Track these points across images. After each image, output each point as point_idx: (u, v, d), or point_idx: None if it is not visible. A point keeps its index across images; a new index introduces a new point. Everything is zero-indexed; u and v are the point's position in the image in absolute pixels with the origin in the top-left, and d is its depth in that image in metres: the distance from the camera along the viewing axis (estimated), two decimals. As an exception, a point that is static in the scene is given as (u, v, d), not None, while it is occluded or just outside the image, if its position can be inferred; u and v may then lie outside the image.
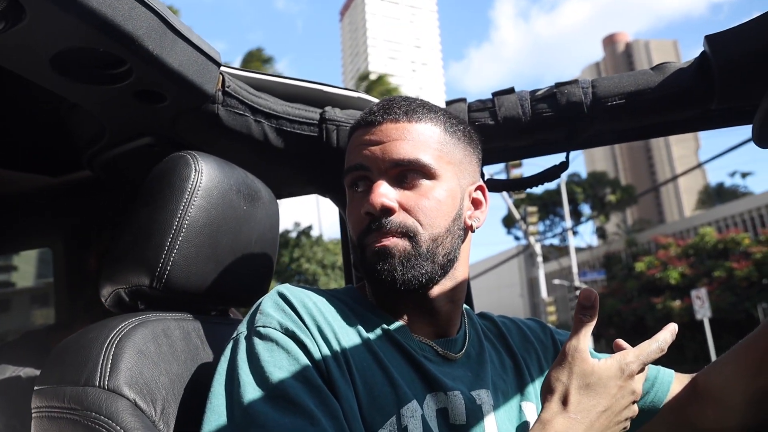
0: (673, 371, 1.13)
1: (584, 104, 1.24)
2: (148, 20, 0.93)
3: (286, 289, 0.90)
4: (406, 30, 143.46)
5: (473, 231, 1.02)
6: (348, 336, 0.88)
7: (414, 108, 0.98)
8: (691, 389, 1.09)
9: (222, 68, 1.17)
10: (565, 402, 0.82)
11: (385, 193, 0.91)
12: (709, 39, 1.18)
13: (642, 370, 0.87)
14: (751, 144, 1.19)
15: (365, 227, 0.93)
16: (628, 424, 0.87)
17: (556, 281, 30.08)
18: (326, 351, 0.84)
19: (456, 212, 0.96)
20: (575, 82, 1.26)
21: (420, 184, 0.93)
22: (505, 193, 23.33)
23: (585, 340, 0.86)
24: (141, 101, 1.11)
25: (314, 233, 31.20)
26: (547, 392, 0.85)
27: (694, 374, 1.12)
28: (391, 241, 0.91)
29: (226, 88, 1.19)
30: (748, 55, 1.13)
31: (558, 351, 1.13)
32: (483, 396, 0.94)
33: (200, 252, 1.02)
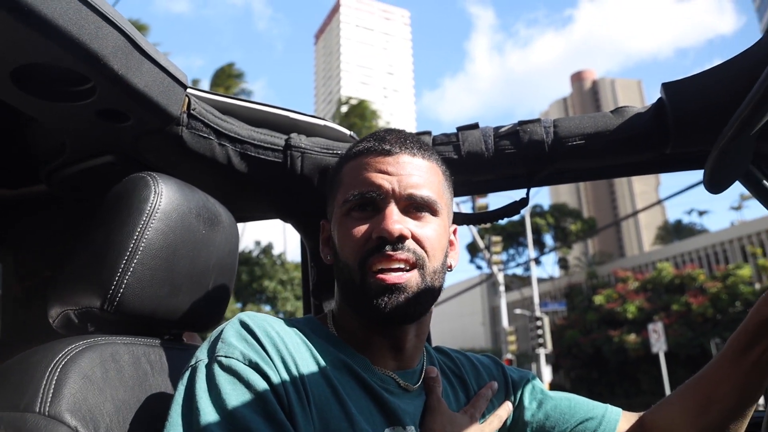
0: (620, 410, 1.15)
1: (545, 143, 1.27)
2: (114, 39, 0.92)
3: (249, 318, 0.89)
4: (379, 56, 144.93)
5: (450, 270, 1.05)
6: (308, 369, 0.87)
7: (423, 146, 1.03)
8: (638, 427, 1.11)
9: (188, 90, 1.16)
10: None
11: (400, 219, 0.93)
12: (666, 87, 1.22)
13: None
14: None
15: (371, 249, 0.92)
16: None
17: (518, 311, 30.29)
18: (289, 384, 0.82)
19: (446, 249, 1.01)
20: (538, 121, 1.29)
21: (426, 218, 0.98)
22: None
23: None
24: (103, 120, 1.10)
25: (275, 251, 30.98)
26: None
27: (641, 413, 1.14)
28: (404, 278, 0.92)
29: (192, 111, 1.18)
30: (701, 105, 1.18)
31: (509, 387, 1.15)
32: None
33: (155, 275, 1.00)
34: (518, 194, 1.40)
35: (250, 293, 28.94)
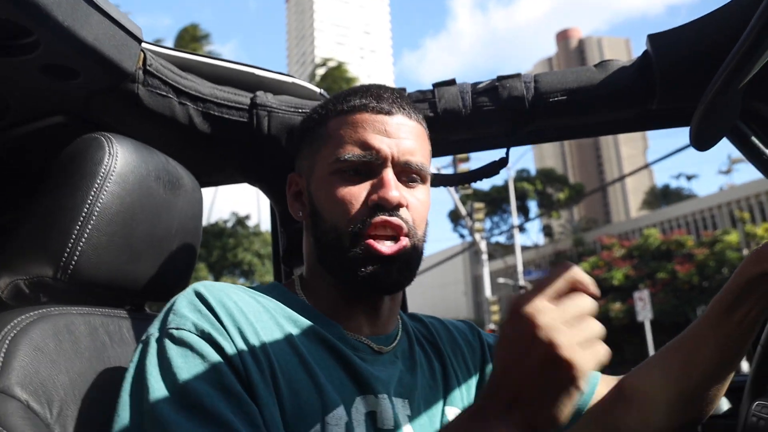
0: (599, 373, 1.16)
1: (526, 99, 1.25)
2: None
3: (204, 287, 0.87)
4: (355, 15, 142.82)
5: (425, 242, 1.05)
6: (273, 338, 0.86)
7: (414, 106, 1.02)
8: (618, 392, 1.12)
9: (143, 45, 1.13)
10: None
11: (397, 187, 0.93)
12: (652, 38, 1.21)
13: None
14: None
15: (365, 213, 0.92)
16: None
17: (501, 280, 30.68)
18: (247, 355, 0.80)
19: (427, 218, 1.02)
20: (517, 76, 1.28)
21: (417, 186, 0.98)
22: (451, 189, 23.61)
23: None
24: (50, 76, 1.06)
25: (250, 223, 30.82)
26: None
27: (621, 376, 1.15)
28: (397, 248, 0.92)
29: (148, 67, 1.15)
30: (688, 57, 1.17)
31: (486, 353, 1.16)
32: (398, 405, 0.94)
33: (112, 241, 0.98)
34: (498, 155, 1.40)
35: (225, 265, 28.85)
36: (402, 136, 0.96)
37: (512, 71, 1.31)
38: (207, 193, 1.32)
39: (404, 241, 0.94)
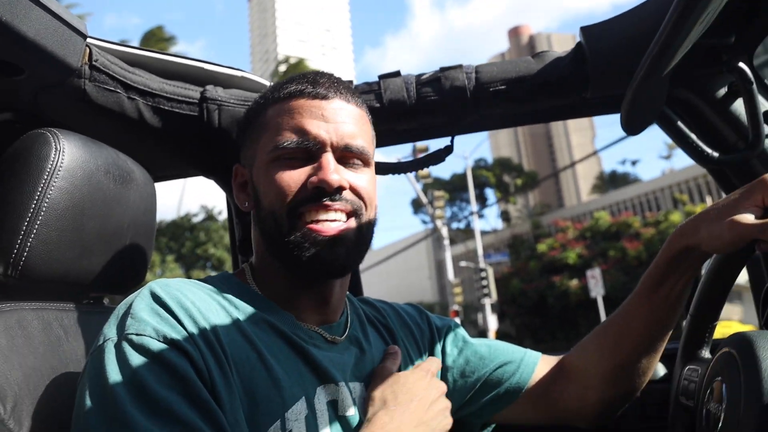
0: (540, 354, 1.18)
1: (467, 89, 1.26)
2: None
3: (160, 287, 0.83)
4: (316, 13, 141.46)
5: (375, 224, 1.04)
6: (230, 336, 0.82)
7: (354, 91, 1.00)
8: (558, 370, 1.14)
9: (89, 40, 1.09)
10: (384, 402, 0.89)
11: (337, 170, 0.91)
12: (584, 30, 1.23)
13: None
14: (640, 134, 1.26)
15: (304, 198, 0.89)
16: (446, 417, 0.95)
17: (463, 263, 30.94)
18: (210, 358, 0.77)
19: (376, 200, 1.00)
20: (459, 67, 1.28)
21: (360, 169, 0.96)
22: (412, 178, 23.66)
23: (392, 365, 0.99)
24: None
25: (221, 217, 30.37)
26: (369, 401, 0.91)
27: (561, 356, 1.17)
28: (342, 228, 0.90)
29: (94, 62, 1.11)
30: (618, 47, 1.19)
31: (434, 335, 1.16)
32: (357, 389, 0.93)
33: (63, 236, 0.95)
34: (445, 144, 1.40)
35: (195, 260, 28.38)
36: (340, 120, 0.94)
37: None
38: (176, 186, 1.29)
39: (351, 222, 0.92)
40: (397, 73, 1.30)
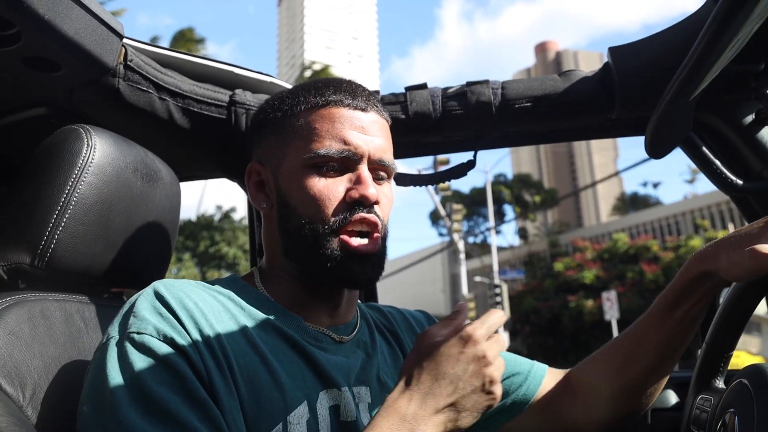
0: (546, 366, 1.17)
1: (493, 105, 1.26)
2: None
3: (164, 286, 0.83)
4: (344, 20, 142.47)
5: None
6: (233, 338, 0.82)
7: (382, 104, 1.02)
8: (564, 383, 1.14)
9: (125, 41, 1.12)
10: (408, 381, 0.77)
11: (374, 184, 0.93)
12: (612, 51, 1.23)
13: (491, 335, 0.80)
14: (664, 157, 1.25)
15: (342, 209, 0.90)
16: (488, 398, 0.78)
17: (478, 278, 30.78)
18: (209, 358, 0.77)
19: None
20: (486, 82, 1.29)
21: (385, 183, 0.98)
22: (431, 190, 23.65)
23: (438, 327, 0.82)
24: (32, 69, 1.05)
25: (236, 216, 30.59)
26: (398, 377, 0.80)
27: (568, 370, 1.17)
28: (372, 247, 0.92)
29: (129, 62, 1.14)
30: (645, 69, 1.19)
31: None
32: (362, 393, 0.93)
33: (89, 231, 0.97)
34: (467, 158, 1.40)
35: (210, 258, 28.57)
36: (375, 133, 0.95)
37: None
38: (197, 186, 1.31)
39: (377, 236, 0.93)
40: (423, 86, 1.31)
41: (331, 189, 0.91)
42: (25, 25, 0.92)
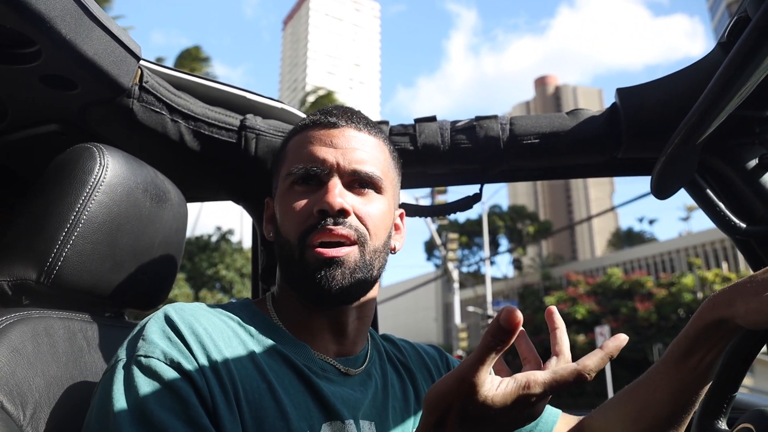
0: (560, 411, 1.15)
1: (501, 140, 1.28)
2: (63, 3, 0.89)
3: (175, 311, 0.83)
4: (347, 47, 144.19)
5: (394, 253, 1.03)
6: (241, 364, 0.82)
7: (370, 122, 1.02)
8: (577, 430, 1.12)
9: (141, 62, 1.13)
10: (442, 426, 0.68)
11: (341, 194, 0.91)
12: (620, 92, 1.25)
13: (547, 395, 0.68)
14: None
15: (312, 225, 0.90)
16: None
17: (471, 308, 30.69)
18: (215, 384, 0.77)
19: (390, 230, 1.00)
20: (494, 117, 1.30)
21: (370, 195, 0.96)
22: (428, 219, 23.69)
23: (486, 368, 0.65)
24: (49, 86, 1.06)
25: (233, 239, 30.49)
26: (427, 406, 0.69)
27: (582, 416, 1.15)
28: (343, 251, 0.90)
29: (144, 83, 1.15)
30: (653, 112, 1.21)
31: None
32: (365, 428, 0.91)
33: (97, 249, 0.97)
34: (473, 189, 1.42)
35: (206, 280, 28.39)
36: (349, 146, 0.95)
37: (496, 113, 1.33)
38: (192, 206, 1.32)
39: (354, 249, 0.91)
40: (432, 118, 1.33)
41: (300, 204, 0.93)
42: (46, 44, 0.93)
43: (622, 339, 0.75)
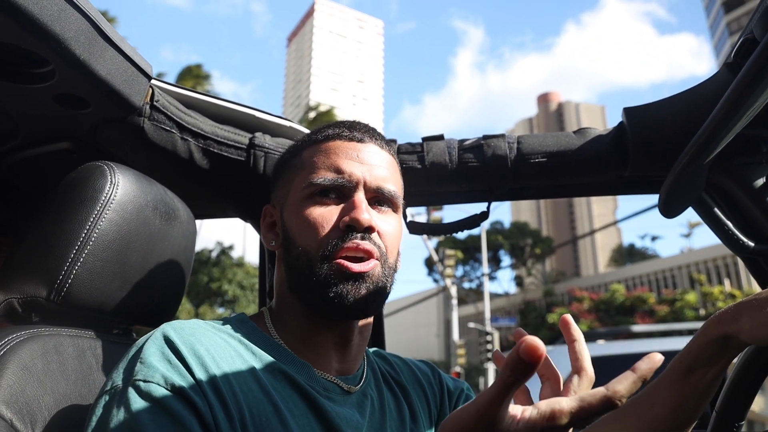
0: None
1: (508, 158, 1.28)
2: (78, 23, 0.90)
3: (174, 330, 0.80)
4: (350, 64, 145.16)
5: (395, 271, 1.02)
6: (246, 386, 0.79)
7: (387, 140, 1.03)
8: None
9: (152, 81, 1.14)
10: None
11: (368, 210, 0.91)
12: (627, 111, 1.25)
13: (572, 425, 0.63)
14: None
15: (337, 238, 0.89)
16: None
17: (471, 324, 30.56)
18: (219, 410, 0.74)
19: (399, 248, 0.99)
20: (502, 136, 1.31)
21: (388, 213, 0.96)
22: (425, 235, 23.68)
23: (506, 404, 0.59)
24: (61, 105, 1.06)
25: (234, 254, 30.50)
26: None
27: None
28: (369, 266, 0.89)
29: (155, 102, 1.16)
30: (660, 131, 1.21)
31: (445, 397, 1.12)
32: None
33: (107, 267, 0.97)
34: (478, 207, 1.42)
35: (207, 295, 28.35)
36: (374, 163, 0.96)
37: (500, 130, 1.33)
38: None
39: (376, 265, 0.90)
40: (440, 137, 1.33)
41: (325, 216, 0.91)
42: (60, 64, 0.94)
43: (657, 360, 0.69)
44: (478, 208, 1.41)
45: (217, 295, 28.19)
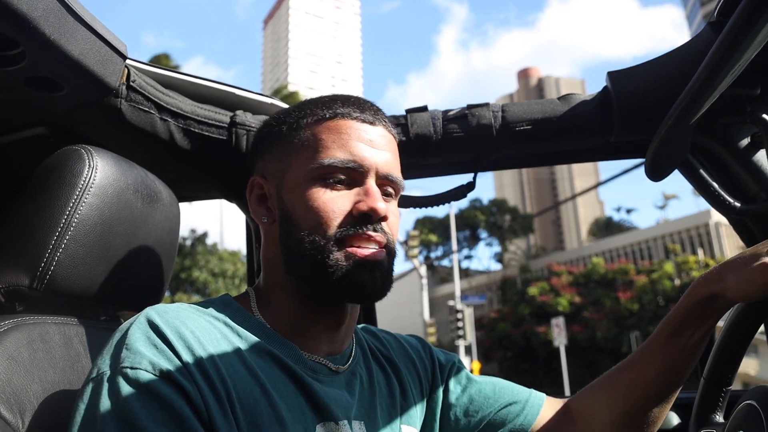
0: (544, 395, 1.14)
1: (493, 127, 1.27)
2: (46, 2, 0.86)
3: (158, 314, 0.77)
4: (328, 45, 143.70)
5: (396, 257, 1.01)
6: (233, 368, 0.78)
7: (390, 119, 0.99)
8: (563, 412, 1.10)
9: (128, 61, 1.10)
10: None
11: (381, 198, 0.89)
12: (611, 75, 1.24)
13: None
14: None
15: (349, 225, 0.86)
16: None
17: (451, 302, 30.83)
18: (208, 393, 0.72)
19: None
20: (486, 105, 1.29)
21: (391, 200, 0.95)
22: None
23: None
24: (34, 88, 1.02)
25: (209, 241, 30.42)
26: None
27: (566, 398, 1.14)
28: (381, 255, 0.88)
29: (131, 83, 1.12)
30: (644, 94, 1.20)
31: (436, 370, 1.11)
32: (356, 429, 0.88)
33: (89, 252, 0.95)
34: (464, 179, 1.40)
35: (180, 283, 28.25)
36: (384, 148, 0.92)
37: (482, 106, 1.31)
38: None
39: (384, 252, 0.89)
40: (424, 108, 1.31)
41: (336, 202, 0.87)
42: (30, 45, 0.90)
43: None
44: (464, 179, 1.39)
45: (189, 283, 28.12)
